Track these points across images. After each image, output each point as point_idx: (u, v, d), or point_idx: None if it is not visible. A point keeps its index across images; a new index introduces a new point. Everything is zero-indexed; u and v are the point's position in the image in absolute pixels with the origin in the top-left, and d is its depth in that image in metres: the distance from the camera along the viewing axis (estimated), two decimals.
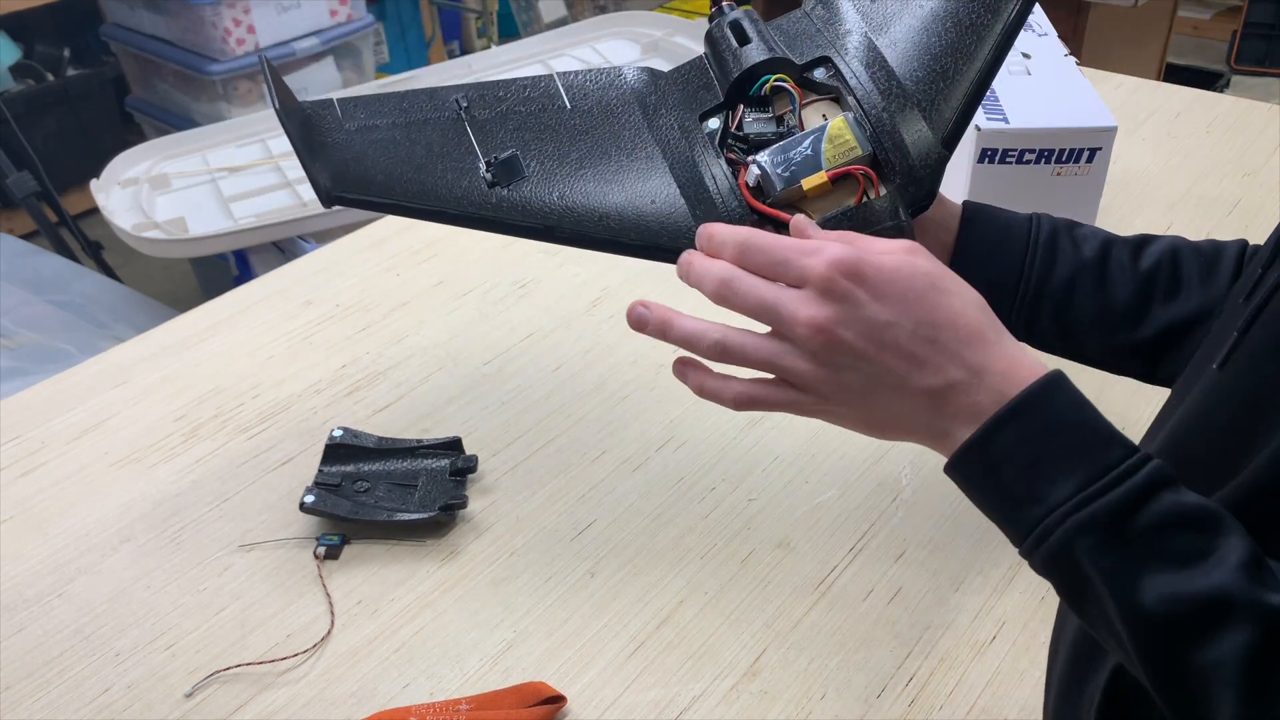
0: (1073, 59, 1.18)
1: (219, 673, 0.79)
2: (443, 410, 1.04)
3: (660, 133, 0.77)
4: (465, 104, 0.78)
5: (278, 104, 0.72)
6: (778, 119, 0.75)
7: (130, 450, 1.01)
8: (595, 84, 0.80)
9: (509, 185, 0.75)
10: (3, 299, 1.82)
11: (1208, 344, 0.59)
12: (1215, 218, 1.30)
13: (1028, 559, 0.51)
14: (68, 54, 3.13)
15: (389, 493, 0.92)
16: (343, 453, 0.95)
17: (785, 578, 0.86)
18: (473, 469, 0.95)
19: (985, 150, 1.05)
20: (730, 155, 0.75)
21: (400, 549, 0.89)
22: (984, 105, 1.06)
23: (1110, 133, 1.06)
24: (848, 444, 0.99)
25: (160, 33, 2.77)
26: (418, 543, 0.90)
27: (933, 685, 0.78)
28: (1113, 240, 0.74)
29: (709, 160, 0.75)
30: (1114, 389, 1.03)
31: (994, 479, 0.52)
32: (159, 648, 0.82)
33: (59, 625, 0.84)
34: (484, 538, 0.90)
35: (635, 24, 2.64)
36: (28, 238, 2.35)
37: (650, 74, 0.80)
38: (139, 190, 2.16)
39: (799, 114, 0.74)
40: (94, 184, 2.14)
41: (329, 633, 0.82)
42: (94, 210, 2.21)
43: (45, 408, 1.06)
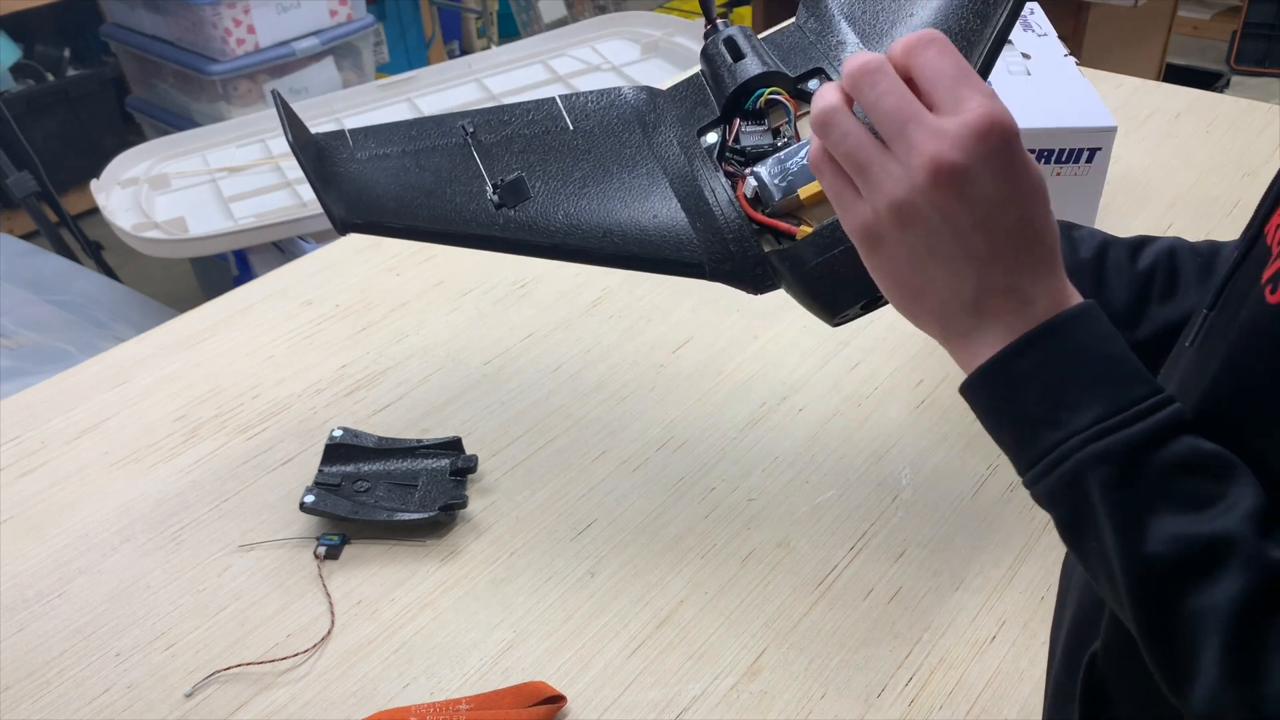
0: (1073, 59, 1.18)
1: (219, 673, 0.79)
2: (443, 410, 1.04)
3: (660, 149, 0.80)
4: (471, 129, 0.81)
5: (291, 138, 0.75)
6: (774, 131, 0.78)
7: (130, 450, 1.01)
8: (596, 105, 0.83)
9: (515, 206, 0.78)
10: (3, 299, 1.82)
11: (1187, 326, 0.59)
12: (1215, 218, 1.29)
13: (1031, 487, 0.50)
14: (68, 54, 3.13)
15: (389, 493, 0.92)
16: (343, 453, 0.95)
17: (785, 578, 0.86)
18: (473, 469, 0.95)
19: None
20: (728, 168, 0.77)
21: (400, 549, 0.89)
22: None
23: (1110, 133, 1.06)
24: (848, 444, 0.99)
25: (160, 33, 2.77)
26: (418, 543, 0.90)
27: (933, 685, 0.78)
28: (1110, 241, 0.74)
29: (708, 174, 0.77)
30: None
31: (1012, 399, 0.50)
32: (159, 648, 0.82)
33: (59, 625, 0.84)
34: (484, 538, 0.90)
35: (635, 24, 2.64)
36: (28, 238, 2.36)
37: (649, 93, 0.83)
38: (139, 190, 2.16)
39: (794, 125, 0.77)
40: (94, 184, 2.15)
41: (329, 633, 0.82)
42: (94, 210, 2.21)
43: (45, 408, 1.06)
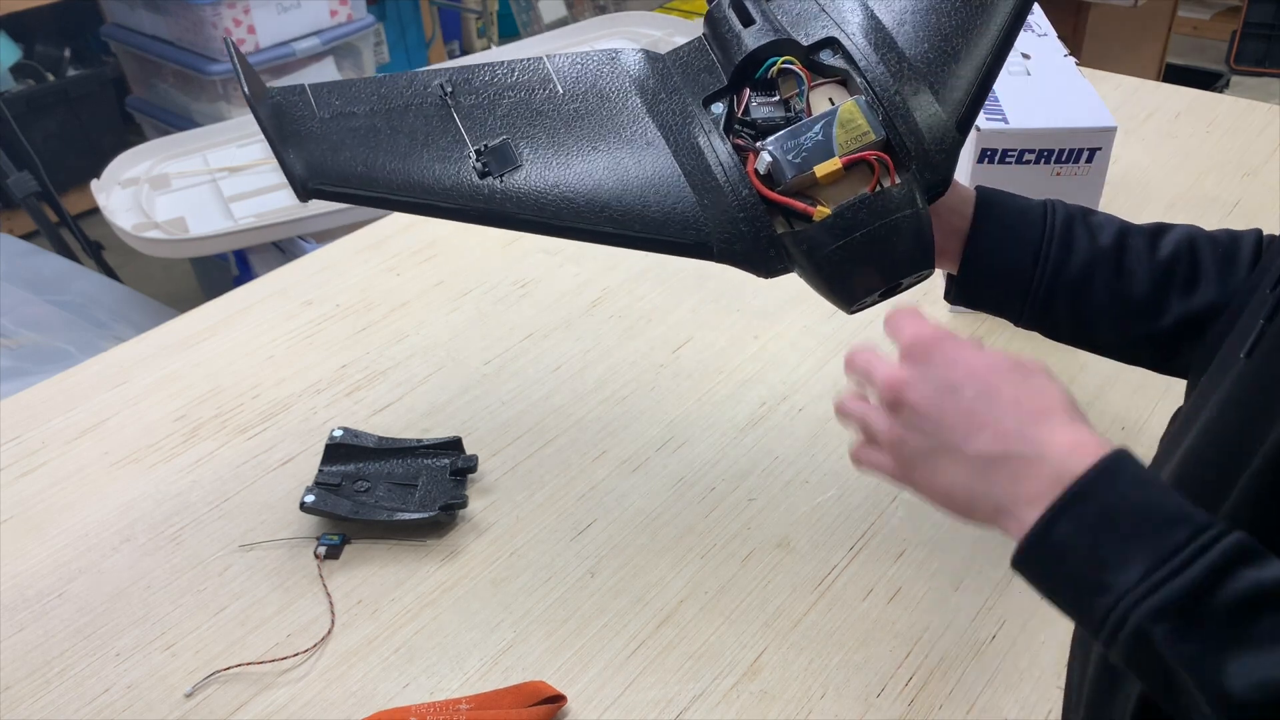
0: (1073, 59, 1.18)
1: (219, 673, 0.79)
2: (443, 410, 1.04)
3: (661, 118, 0.74)
4: (450, 89, 0.74)
5: (247, 90, 0.68)
6: (784, 103, 0.73)
7: (130, 450, 1.01)
8: (589, 67, 0.76)
9: (501, 175, 0.72)
10: (3, 299, 1.82)
11: (1236, 333, 0.59)
12: (1215, 218, 1.29)
13: (1108, 654, 0.48)
14: (68, 54, 3.13)
15: (389, 493, 0.92)
16: (343, 453, 0.95)
17: (785, 578, 0.86)
18: (473, 469, 0.95)
19: (985, 150, 1.05)
20: (738, 141, 0.72)
21: (400, 549, 0.89)
22: (984, 105, 1.06)
23: (1110, 133, 1.06)
24: (847, 444, 0.98)
25: (160, 33, 2.77)
26: (418, 543, 0.90)
27: (933, 685, 0.78)
28: (1128, 228, 0.73)
29: (715, 146, 0.71)
30: (1114, 389, 1.03)
31: (1059, 571, 0.49)
32: (159, 648, 0.82)
33: (59, 625, 0.84)
34: (484, 538, 0.90)
35: (635, 24, 2.64)
36: (28, 238, 2.35)
37: (648, 57, 0.77)
38: (139, 190, 2.16)
39: (806, 98, 0.72)
40: (94, 184, 2.14)
41: (329, 633, 0.82)
42: (94, 210, 2.20)
43: (45, 408, 1.06)
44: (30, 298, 1.86)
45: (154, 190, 2.17)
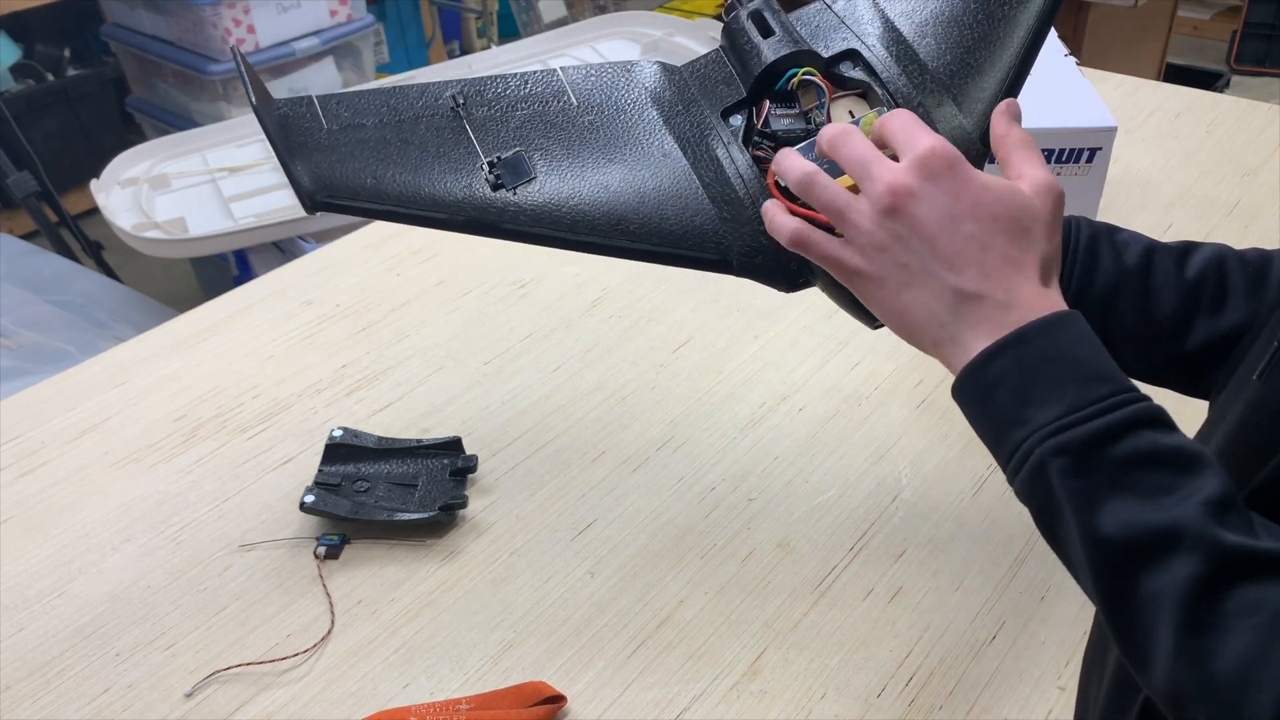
0: (1073, 59, 1.18)
1: (219, 673, 0.79)
2: (443, 410, 1.04)
3: (679, 130, 0.73)
4: (462, 101, 0.73)
5: (254, 100, 0.68)
6: (805, 115, 0.72)
7: (130, 450, 1.01)
8: (604, 79, 0.75)
9: (515, 187, 0.70)
10: (3, 299, 1.82)
11: (1251, 355, 0.58)
12: (1215, 218, 1.29)
13: (1012, 484, 0.53)
14: (68, 54, 3.13)
15: (389, 493, 0.92)
16: (343, 453, 0.95)
17: (785, 578, 0.86)
18: (473, 469, 0.95)
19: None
20: (757, 153, 0.71)
21: (400, 549, 0.89)
22: None
23: (1110, 133, 1.06)
24: (847, 444, 0.99)
25: (160, 33, 2.77)
26: (418, 543, 0.90)
27: (933, 685, 0.78)
28: (1155, 247, 0.70)
29: (735, 158, 0.71)
30: None
31: (988, 400, 0.53)
32: (159, 648, 0.82)
33: (59, 625, 0.84)
34: (484, 538, 0.90)
35: (635, 24, 2.64)
36: (28, 238, 2.35)
37: (664, 69, 0.76)
38: (139, 190, 2.16)
39: (827, 110, 0.71)
40: (94, 184, 2.14)
41: (329, 633, 0.82)
42: (94, 210, 2.21)
43: (45, 408, 1.06)
44: (30, 298, 1.86)
45: (154, 190, 2.17)
